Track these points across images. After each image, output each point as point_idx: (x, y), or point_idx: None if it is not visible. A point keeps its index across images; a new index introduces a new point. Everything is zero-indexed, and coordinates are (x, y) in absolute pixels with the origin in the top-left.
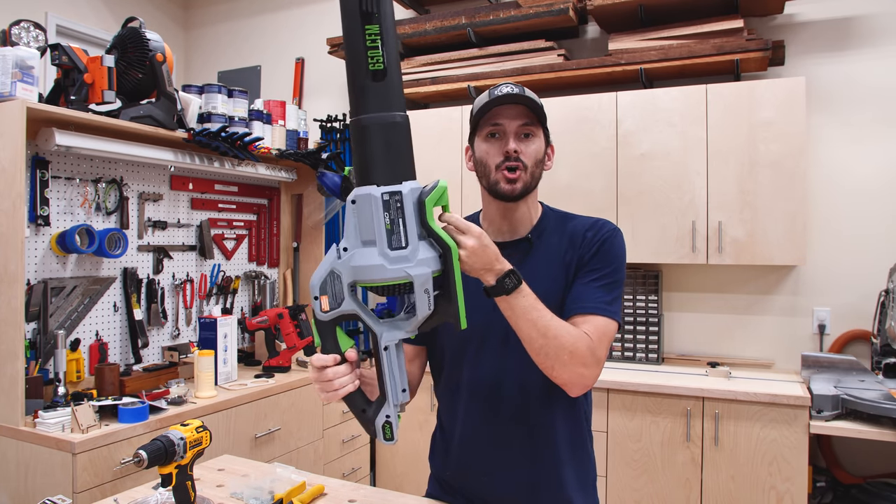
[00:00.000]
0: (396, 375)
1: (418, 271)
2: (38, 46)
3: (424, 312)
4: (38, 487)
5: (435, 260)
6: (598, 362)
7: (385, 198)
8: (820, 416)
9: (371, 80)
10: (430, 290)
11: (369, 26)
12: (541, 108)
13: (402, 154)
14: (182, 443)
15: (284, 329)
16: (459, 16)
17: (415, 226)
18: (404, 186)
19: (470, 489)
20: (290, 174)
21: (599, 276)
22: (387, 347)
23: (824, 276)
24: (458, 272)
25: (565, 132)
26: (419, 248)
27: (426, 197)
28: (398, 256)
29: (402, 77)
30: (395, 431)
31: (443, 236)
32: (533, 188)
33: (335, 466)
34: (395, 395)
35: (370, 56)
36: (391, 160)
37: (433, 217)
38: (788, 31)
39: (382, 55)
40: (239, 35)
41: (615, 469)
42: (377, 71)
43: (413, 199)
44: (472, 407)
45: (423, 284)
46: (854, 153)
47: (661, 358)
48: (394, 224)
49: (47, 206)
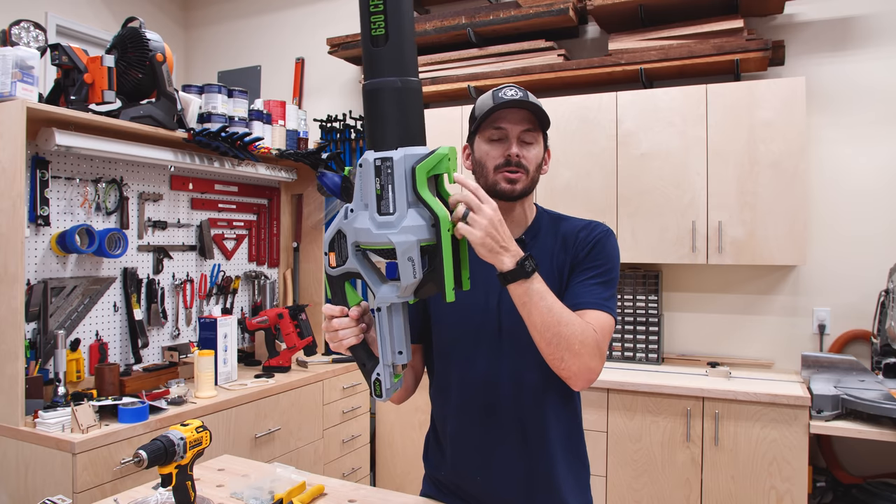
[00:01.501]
0: (387, 336)
1: (400, 238)
2: (38, 46)
3: (409, 280)
4: (38, 487)
5: (424, 228)
6: (602, 356)
7: (377, 163)
8: (820, 416)
9: (372, 45)
10: (416, 258)
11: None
12: (544, 115)
13: (399, 119)
14: (182, 443)
15: (284, 329)
16: (459, 16)
17: (404, 192)
18: (398, 152)
19: (464, 489)
20: (290, 174)
21: (595, 274)
22: (379, 308)
23: (824, 276)
24: (448, 243)
25: (565, 132)
26: (406, 216)
27: (418, 164)
28: (384, 222)
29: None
30: (384, 389)
31: (432, 205)
32: (531, 191)
33: (335, 466)
34: (386, 354)
35: (372, 21)
36: (389, 125)
37: (424, 185)
38: (788, 31)
39: (384, 20)
40: (239, 35)
41: (615, 469)
42: (377, 37)
43: (405, 166)
44: (464, 406)
45: (406, 252)
46: (854, 153)
47: (661, 358)
48: (384, 189)
49: (47, 206)
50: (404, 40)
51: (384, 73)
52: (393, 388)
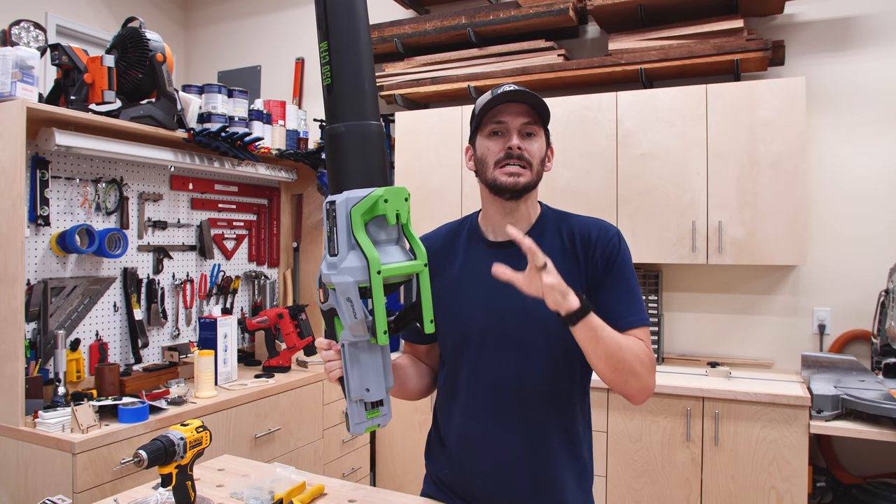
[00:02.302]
0: (349, 372)
1: (338, 279)
2: (38, 46)
3: (350, 320)
4: (38, 487)
5: (361, 270)
6: (654, 369)
7: (326, 206)
8: (820, 416)
9: (326, 93)
10: (353, 299)
11: (322, 43)
12: (543, 108)
13: (348, 163)
14: (182, 443)
15: (284, 329)
16: (459, 16)
17: (345, 235)
18: (341, 196)
19: (466, 489)
20: (290, 174)
21: (626, 289)
22: (343, 345)
23: (824, 276)
24: (378, 285)
25: (565, 132)
26: (346, 257)
27: (353, 207)
28: (331, 262)
29: (360, 88)
30: (352, 423)
31: (363, 248)
32: (534, 186)
33: (335, 466)
34: (349, 391)
35: (322, 71)
36: (337, 169)
37: (360, 227)
38: (788, 31)
39: (329, 70)
40: (239, 35)
41: (615, 469)
42: (327, 86)
43: (346, 209)
44: (469, 407)
45: (344, 292)
46: (854, 153)
47: (661, 358)
48: (331, 232)
49: (47, 206)
50: (353, 87)
51: (336, 119)
52: (364, 423)
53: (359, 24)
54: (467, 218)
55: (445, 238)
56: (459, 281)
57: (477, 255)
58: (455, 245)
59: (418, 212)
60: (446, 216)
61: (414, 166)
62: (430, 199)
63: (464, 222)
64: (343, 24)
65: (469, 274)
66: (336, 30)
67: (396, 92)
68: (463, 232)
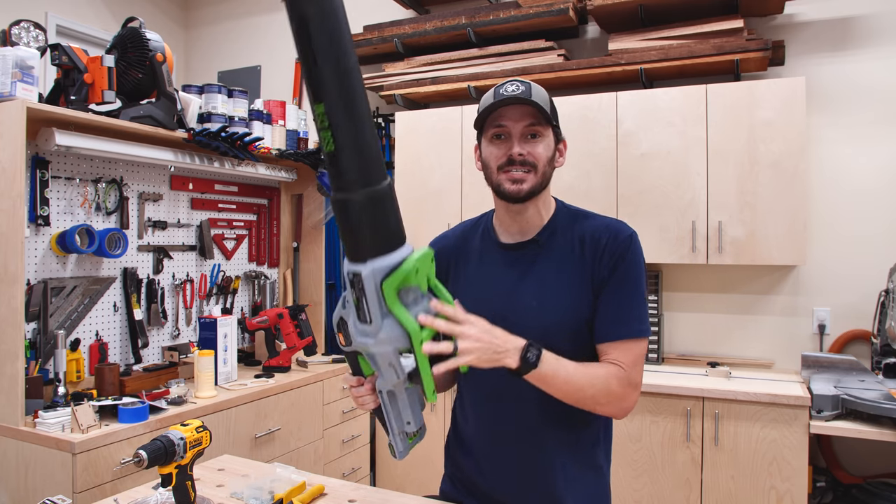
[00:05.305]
0: (391, 413)
1: (378, 350)
2: (38, 46)
3: (392, 381)
4: (38, 487)
5: (400, 338)
6: (635, 387)
7: (350, 277)
8: (820, 416)
9: (328, 161)
10: (396, 364)
11: (317, 105)
12: (546, 108)
13: (364, 230)
14: (182, 443)
15: (284, 329)
16: (459, 16)
17: (377, 305)
18: (366, 267)
19: (482, 491)
20: (290, 174)
21: (625, 295)
22: (381, 391)
23: (824, 276)
24: (422, 356)
25: (565, 132)
26: (383, 327)
27: (384, 280)
28: (364, 331)
29: (365, 150)
30: (398, 451)
31: (403, 322)
32: (542, 189)
33: (335, 466)
34: (393, 427)
35: (322, 137)
36: (352, 238)
37: (395, 300)
38: (788, 31)
39: (331, 136)
40: (239, 35)
41: (615, 469)
42: (329, 153)
43: (374, 281)
44: (480, 411)
45: (386, 359)
46: (854, 153)
47: (661, 358)
48: (359, 301)
49: (47, 206)
50: (359, 152)
51: (344, 189)
52: (408, 448)
53: (353, 79)
54: (483, 216)
55: (460, 238)
56: (472, 282)
57: (489, 257)
58: (469, 245)
59: (418, 212)
60: (446, 216)
61: (414, 166)
62: (429, 200)
63: (479, 221)
64: (334, 84)
65: (482, 276)
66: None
67: (396, 92)
68: (478, 232)
